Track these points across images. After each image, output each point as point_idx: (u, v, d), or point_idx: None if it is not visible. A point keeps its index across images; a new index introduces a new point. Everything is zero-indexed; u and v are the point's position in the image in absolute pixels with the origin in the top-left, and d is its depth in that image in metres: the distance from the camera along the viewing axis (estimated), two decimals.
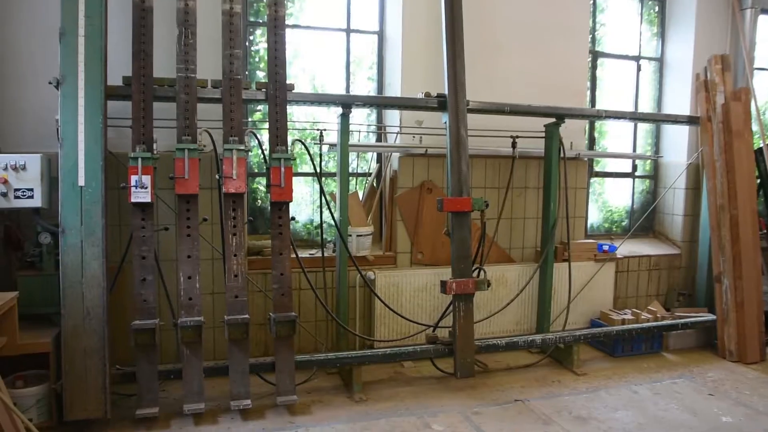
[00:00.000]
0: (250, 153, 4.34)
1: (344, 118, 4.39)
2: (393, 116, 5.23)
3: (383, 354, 4.38)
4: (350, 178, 4.67)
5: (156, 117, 3.89)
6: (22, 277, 3.84)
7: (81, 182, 3.59)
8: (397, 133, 5.06)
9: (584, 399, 4.33)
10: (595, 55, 6.12)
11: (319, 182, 4.47)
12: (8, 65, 4.20)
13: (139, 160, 3.64)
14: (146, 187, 3.66)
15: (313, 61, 5.24)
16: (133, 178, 3.65)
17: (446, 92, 4.50)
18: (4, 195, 3.63)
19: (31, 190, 3.68)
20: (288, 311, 3.97)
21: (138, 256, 3.75)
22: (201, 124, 3.95)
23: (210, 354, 4.59)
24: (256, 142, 4.20)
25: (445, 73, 4.49)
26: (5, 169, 3.65)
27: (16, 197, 3.66)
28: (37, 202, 3.70)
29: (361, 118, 5.29)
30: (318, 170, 4.42)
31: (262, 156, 4.26)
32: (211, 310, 4.61)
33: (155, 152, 3.78)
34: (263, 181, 5.06)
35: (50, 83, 3.64)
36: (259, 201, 5.12)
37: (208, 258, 4.53)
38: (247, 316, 3.82)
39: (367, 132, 5.36)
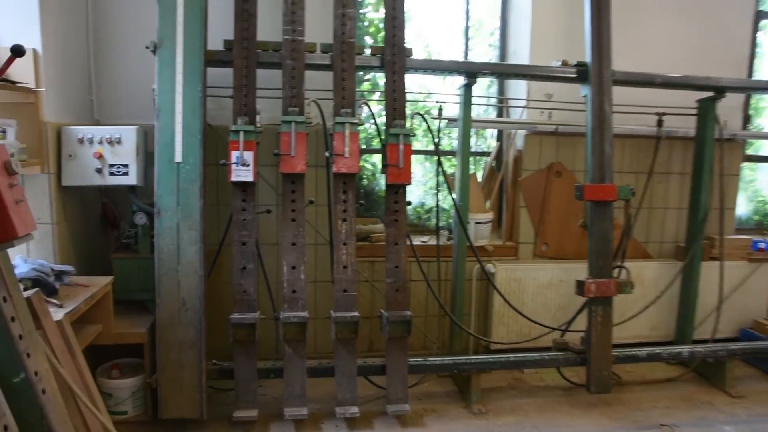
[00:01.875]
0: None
1: (467, 89, 3.80)
2: (516, 88, 4.59)
3: (506, 361, 3.82)
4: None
5: (258, 86, 3.46)
6: (117, 260, 3.54)
7: (178, 158, 3.22)
8: (524, 108, 4.42)
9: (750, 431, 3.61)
10: (758, 15, 5.17)
11: (438, 161, 3.92)
12: (106, 31, 3.89)
13: (241, 133, 3.22)
14: (248, 165, 3.24)
15: (426, 26, 4.67)
16: (234, 154, 3.23)
17: (588, 60, 3.81)
18: (99, 171, 3.32)
19: (126, 166, 3.34)
20: (403, 309, 3.48)
21: (238, 241, 3.36)
22: (307, 94, 3.48)
23: (311, 348, 4.19)
24: (369, 114, 3.69)
25: (588, 37, 3.80)
26: (100, 142, 3.33)
27: (111, 174, 3.34)
28: (132, 179, 3.36)
29: (480, 90, 4.67)
30: (437, 147, 3.86)
31: (376, 130, 3.76)
32: (313, 300, 4.20)
33: (258, 125, 3.35)
34: (370, 158, 4.58)
35: (147, 48, 3.27)
36: (365, 180, 4.64)
37: (312, 243, 4.11)
38: (356, 314, 3.36)
39: (487, 106, 4.74)
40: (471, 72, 3.75)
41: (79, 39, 3.75)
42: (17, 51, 1.72)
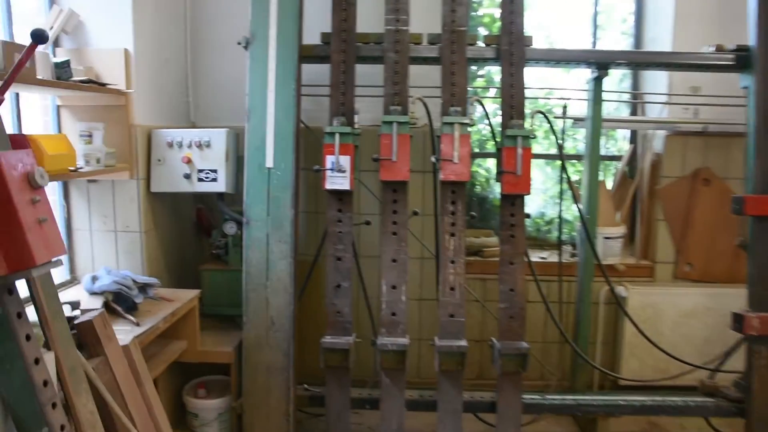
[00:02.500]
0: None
1: (597, 82, 3.25)
2: (654, 82, 3.94)
3: (641, 405, 3.20)
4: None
5: (358, 83, 3.10)
6: (206, 272, 3.32)
7: (269, 163, 2.93)
8: (664, 104, 3.77)
9: None
10: None
11: (562, 166, 3.38)
12: (204, 30, 3.71)
13: (337, 136, 2.87)
14: (345, 171, 2.89)
15: (547, 15, 4.14)
16: (329, 159, 2.89)
17: (751, 43, 3.13)
18: (188, 177, 3.10)
19: (215, 171, 3.10)
20: (518, 340, 2.99)
21: (332, 256, 3.01)
22: (412, 92, 3.08)
23: (414, 371, 3.79)
24: (483, 114, 3.23)
25: (752, 14, 3.12)
26: (189, 146, 3.11)
27: (200, 179, 3.11)
28: (220, 185, 3.11)
29: (610, 85, 4.06)
30: (561, 151, 3.33)
31: (491, 132, 3.30)
32: (417, 320, 3.80)
33: (356, 126, 2.99)
34: (483, 163, 4.11)
35: (239, 44, 3.02)
36: (477, 186, 4.18)
37: (417, 257, 3.71)
38: (464, 343, 2.91)
39: (618, 103, 4.12)
40: (603, 62, 3.19)
41: (175, 39, 3.59)
42: (38, 37, 1.44)
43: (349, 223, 3.02)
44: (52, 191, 3.10)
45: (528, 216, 3.03)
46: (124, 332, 2.40)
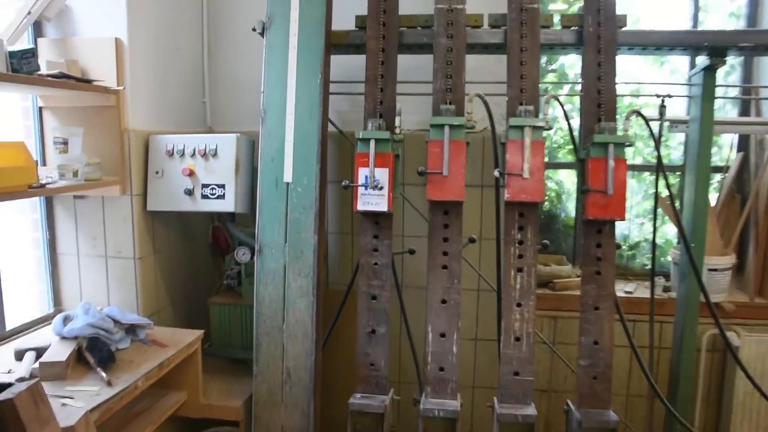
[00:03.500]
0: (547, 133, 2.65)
1: (709, 74, 2.52)
2: None
3: None
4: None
5: (400, 78, 2.47)
6: (215, 306, 2.75)
7: (287, 177, 2.34)
8: None
9: None
10: None
11: (665, 179, 2.62)
12: (223, 14, 3.15)
13: (372, 143, 2.24)
14: (382, 188, 2.26)
15: None
16: (362, 173, 2.27)
17: None
18: (190, 193, 2.53)
19: (222, 186, 2.52)
20: (603, 407, 2.30)
21: (365, 294, 2.39)
22: (468, 88, 2.43)
23: (466, 427, 3.13)
24: (560, 114, 2.55)
25: None
26: (193, 155, 2.54)
27: (204, 196, 2.53)
28: (228, 203, 2.52)
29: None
30: (660, 161, 2.60)
31: (569, 136, 2.61)
32: (471, 364, 3.14)
33: (399, 130, 2.35)
34: (553, 175, 3.41)
35: (254, 29, 2.44)
36: (545, 203, 3.48)
37: (473, 288, 3.05)
38: (533, 411, 2.23)
39: (724, 100, 3.34)
40: (720, 47, 2.45)
41: (189, 26, 3.04)
42: None
43: (388, 252, 2.40)
44: (33, 208, 2.59)
45: (619, 247, 2.33)
46: (86, 396, 1.85)
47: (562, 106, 2.42)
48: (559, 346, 3.10)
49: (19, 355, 2.18)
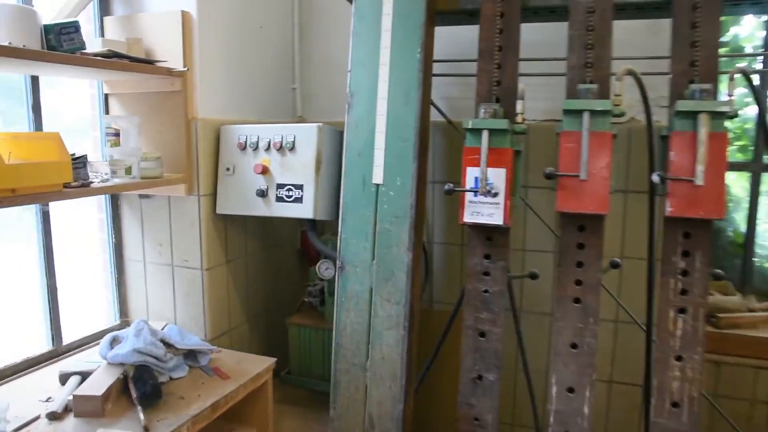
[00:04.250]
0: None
1: None
2: None
3: None
4: None
5: (523, 55, 1.91)
6: (294, 327, 2.35)
7: (377, 177, 1.87)
8: None
9: None
10: None
11: None
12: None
13: (485, 134, 1.71)
14: (496, 194, 1.73)
15: None
16: (470, 174, 1.75)
17: None
18: (263, 194, 2.12)
19: (300, 188, 2.08)
20: None
21: (471, 329, 1.87)
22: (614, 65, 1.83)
23: None
24: (750, 94, 1.89)
25: None
26: (267, 149, 2.13)
27: (278, 198, 2.11)
28: (306, 209, 2.08)
29: None
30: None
31: (757, 122, 1.94)
32: (603, 415, 2.53)
33: (521, 118, 1.80)
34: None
35: None
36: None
37: (610, 319, 2.43)
38: None
39: None
40: None
41: (275, 4, 2.65)
42: None
43: (502, 277, 1.86)
44: (99, 207, 2.31)
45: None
46: None
47: (751, 84, 1.75)
48: (721, 400, 2.40)
49: (64, 379, 1.89)
